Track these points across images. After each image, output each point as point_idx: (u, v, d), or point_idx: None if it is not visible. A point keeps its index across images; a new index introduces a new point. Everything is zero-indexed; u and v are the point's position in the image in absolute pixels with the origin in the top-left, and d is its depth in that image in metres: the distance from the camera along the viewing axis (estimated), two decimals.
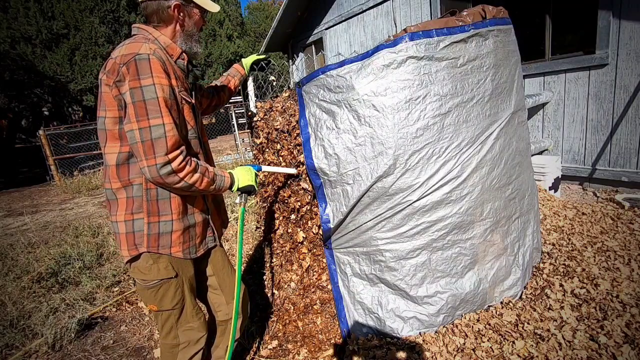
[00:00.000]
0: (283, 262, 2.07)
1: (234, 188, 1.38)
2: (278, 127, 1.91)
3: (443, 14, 3.11)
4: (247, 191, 1.43)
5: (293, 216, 1.96)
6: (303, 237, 1.95)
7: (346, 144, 1.62)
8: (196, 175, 1.20)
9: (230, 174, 1.37)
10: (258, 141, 2.07)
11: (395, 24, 5.51)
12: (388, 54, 1.52)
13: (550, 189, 3.28)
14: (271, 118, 1.99)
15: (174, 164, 1.13)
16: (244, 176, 1.40)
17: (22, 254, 3.69)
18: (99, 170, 8.65)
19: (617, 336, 1.52)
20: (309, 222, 1.91)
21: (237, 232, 3.73)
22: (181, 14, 1.24)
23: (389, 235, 1.66)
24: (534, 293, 1.89)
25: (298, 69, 8.45)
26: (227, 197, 5.04)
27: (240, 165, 1.48)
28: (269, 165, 1.97)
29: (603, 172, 3.42)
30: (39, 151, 9.33)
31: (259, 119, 2.07)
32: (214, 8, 1.30)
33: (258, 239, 3.36)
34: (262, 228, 2.24)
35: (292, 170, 1.81)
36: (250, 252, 3.08)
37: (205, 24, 1.37)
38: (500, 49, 1.74)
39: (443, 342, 1.64)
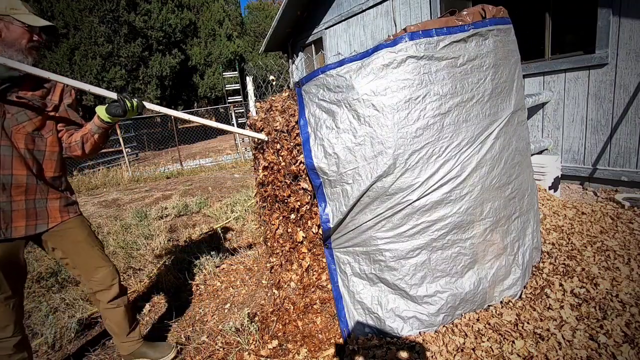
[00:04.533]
0: (283, 262, 2.07)
1: None
2: (277, 127, 1.91)
3: (443, 13, 3.10)
4: None
5: (293, 216, 1.96)
6: (303, 236, 1.95)
7: (346, 144, 1.61)
8: None
9: None
10: (258, 141, 2.07)
11: (395, 23, 5.51)
12: (388, 53, 1.52)
13: (550, 188, 3.28)
14: (271, 118, 1.99)
15: None
16: None
17: None
18: (99, 170, 8.65)
19: (617, 335, 1.52)
20: (309, 222, 1.91)
21: (237, 231, 3.74)
22: None
23: (389, 235, 1.66)
24: (533, 292, 1.89)
25: (298, 68, 8.45)
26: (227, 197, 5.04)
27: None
28: (266, 166, 1.97)
29: (603, 172, 3.42)
30: None
31: (259, 119, 2.06)
32: (37, 22, 1.41)
33: (258, 238, 3.36)
34: (262, 227, 2.24)
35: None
36: (250, 252, 3.08)
37: (38, 37, 1.46)
38: (500, 49, 1.74)
39: (443, 341, 1.64)
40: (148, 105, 1.56)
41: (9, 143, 1.40)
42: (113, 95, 1.48)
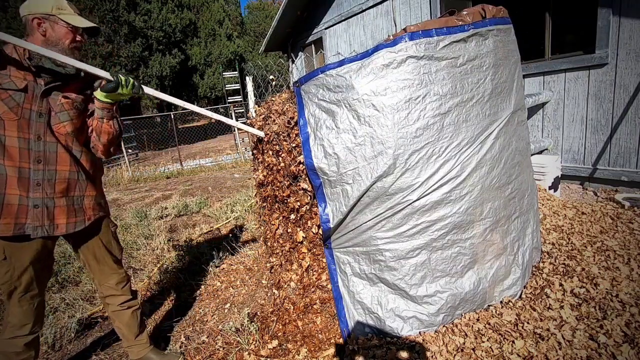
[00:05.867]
0: (283, 262, 2.07)
1: None
2: (276, 129, 1.91)
3: (443, 13, 3.10)
4: None
5: (293, 216, 1.96)
6: (303, 236, 1.95)
7: (346, 144, 1.61)
8: None
9: None
10: (257, 142, 2.07)
11: (395, 23, 5.51)
12: (388, 53, 1.52)
13: (550, 188, 3.28)
14: (271, 119, 1.99)
15: None
16: None
17: None
18: None
19: (617, 335, 1.52)
20: (309, 222, 1.91)
21: (236, 231, 3.74)
22: (42, 26, 1.40)
23: (389, 235, 1.66)
24: (533, 292, 1.89)
25: (297, 68, 8.45)
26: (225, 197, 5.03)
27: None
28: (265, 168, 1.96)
29: (603, 172, 3.42)
30: None
31: (259, 120, 2.06)
32: (81, 23, 1.44)
33: (258, 238, 3.36)
34: (262, 227, 2.24)
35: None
36: (250, 252, 3.08)
37: (80, 37, 1.49)
38: (500, 49, 1.74)
39: (443, 341, 1.64)
40: (147, 90, 1.55)
41: (54, 140, 1.43)
42: (108, 75, 1.47)
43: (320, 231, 1.85)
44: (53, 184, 1.43)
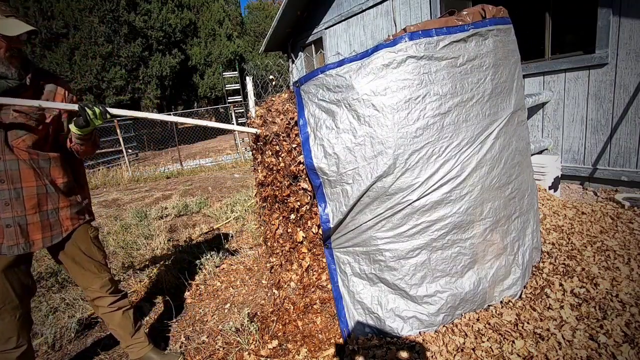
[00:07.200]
0: (283, 262, 2.07)
1: None
2: (276, 130, 1.91)
3: (443, 13, 3.10)
4: None
5: (293, 216, 1.96)
6: (303, 236, 1.95)
7: (346, 144, 1.61)
8: None
9: None
10: (256, 142, 2.07)
11: (395, 23, 5.51)
12: (387, 53, 1.52)
13: (550, 188, 3.28)
14: (270, 120, 1.99)
15: None
16: None
17: None
18: (99, 169, 8.65)
19: (617, 335, 1.52)
20: (309, 222, 1.91)
21: (237, 231, 3.74)
22: None
23: (389, 235, 1.66)
24: (533, 292, 1.89)
25: (298, 68, 8.45)
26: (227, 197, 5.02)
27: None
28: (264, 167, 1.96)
29: (603, 172, 3.42)
30: None
31: (259, 121, 2.06)
32: (11, 31, 1.30)
33: (258, 238, 3.36)
34: (262, 227, 2.24)
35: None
36: (250, 252, 3.08)
37: (16, 45, 1.36)
38: (500, 49, 1.74)
39: (443, 341, 1.64)
40: (112, 110, 1.50)
41: (14, 157, 1.39)
42: (75, 107, 1.42)
43: (320, 231, 1.85)
44: (22, 202, 1.40)
